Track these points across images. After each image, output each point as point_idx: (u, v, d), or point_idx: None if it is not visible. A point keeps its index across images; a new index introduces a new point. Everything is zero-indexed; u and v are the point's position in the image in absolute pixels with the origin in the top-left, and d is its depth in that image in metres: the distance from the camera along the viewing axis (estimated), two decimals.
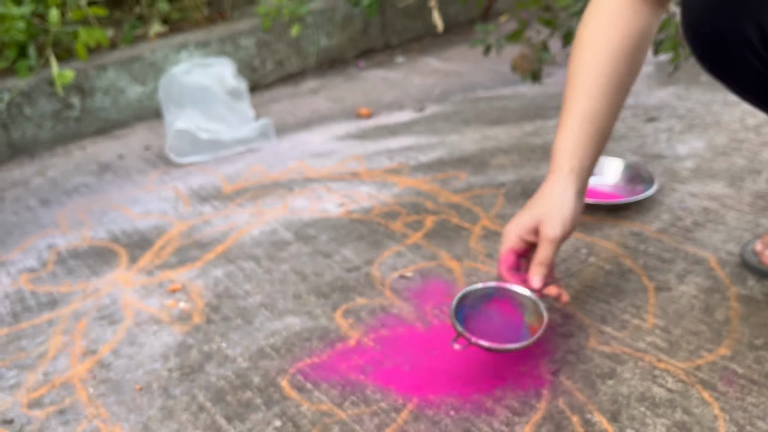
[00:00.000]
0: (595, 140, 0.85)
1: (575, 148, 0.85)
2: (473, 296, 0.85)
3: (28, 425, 0.83)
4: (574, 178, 0.84)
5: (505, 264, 0.84)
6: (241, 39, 1.97)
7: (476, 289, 0.85)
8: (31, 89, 1.67)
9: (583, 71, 0.85)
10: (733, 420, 0.72)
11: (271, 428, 0.78)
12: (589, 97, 0.84)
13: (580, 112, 0.84)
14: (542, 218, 0.82)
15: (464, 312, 0.82)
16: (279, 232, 1.21)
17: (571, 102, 0.86)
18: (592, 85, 0.84)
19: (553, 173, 0.85)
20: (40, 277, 1.15)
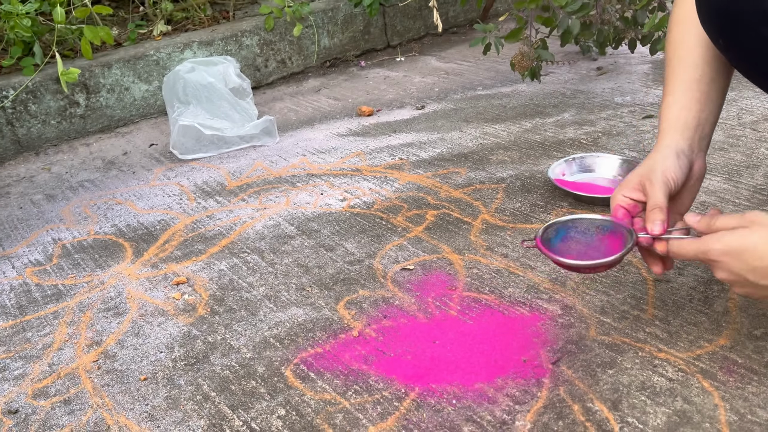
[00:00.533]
0: (702, 102, 0.83)
1: (680, 111, 0.84)
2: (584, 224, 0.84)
3: (33, 415, 0.84)
4: (677, 137, 0.83)
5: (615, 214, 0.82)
6: (244, 38, 1.99)
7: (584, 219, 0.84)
8: (36, 87, 1.68)
9: (685, 42, 0.85)
10: (733, 409, 0.73)
11: (275, 417, 0.79)
12: (693, 65, 0.84)
13: (685, 80, 0.84)
14: (643, 173, 0.81)
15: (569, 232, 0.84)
16: (282, 226, 1.22)
17: (673, 74, 0.86)
18: (695, 52, 0.84)
19: (659, 137, 0.84)
20: (46, 270, 1.16)
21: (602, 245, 0.81)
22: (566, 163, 1.29)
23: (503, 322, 0.91)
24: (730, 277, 0.70)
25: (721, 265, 0.70)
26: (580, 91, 1.74)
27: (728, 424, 0.71)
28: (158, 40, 1.95)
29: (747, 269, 0.68)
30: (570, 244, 0.83)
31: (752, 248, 0.68)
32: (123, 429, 0.80)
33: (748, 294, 0.71)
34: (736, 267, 0.69)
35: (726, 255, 0.69)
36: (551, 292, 0.96)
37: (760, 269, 0.67)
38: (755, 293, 0.70)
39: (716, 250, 0.70)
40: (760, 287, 0.69)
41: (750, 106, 1.50)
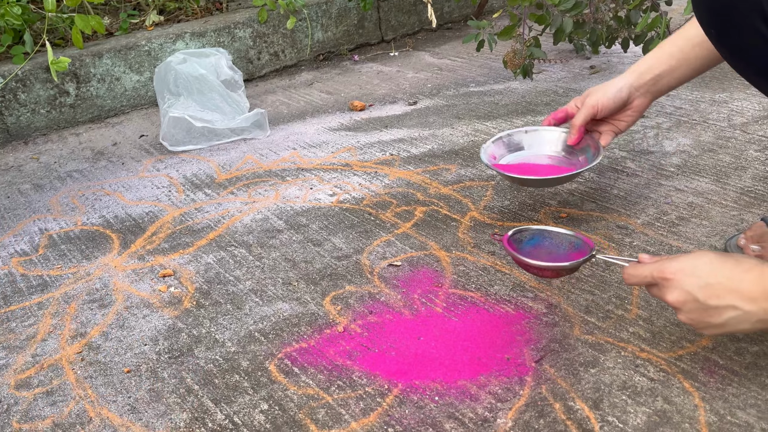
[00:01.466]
0: (675, 58, 0.96)
1: (651, 56, 1.00)
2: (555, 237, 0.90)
3: (15, 406, 0.84)
4: (634, 74, 1.01)
5: (552, 116, 1.10)
6: (237, 30, 1.98)
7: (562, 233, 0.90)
8: (26, 75, 1.67)
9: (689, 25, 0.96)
10: (713, 410, 0.74)
11: (257, 411, 0.79)
12: (688, 27, 0.95)
13: (673, 37, 0.98)
14: (591, 90, 1.05)
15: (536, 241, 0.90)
16: (271, 220, 1.22)
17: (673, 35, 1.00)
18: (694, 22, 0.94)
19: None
20: (32, 261, 1.16)
21: (564, 258, 0.87)
22: (494, 144, 1.15)
23: (488, 319, 0.92)
24: (680, 297, 0.70)
25: (674, 283, 0.71)
26: (572, 90, 1.75)
27: (708, 425, 0.72)
28: (150, 30, 1.94)
29: (699, 285, 0.69)
30: (536, 250, 0.88)
31: (706, 264, 0.70)
32: (105, 421, 0.80)
33: (692, 321, 0.71)
34: (688, 283, 0.70)
35: (680, 271, 0.71)
36: (537, 290, 0.96)
37: (712, 286, 0.69)
38: (700, 319, 0.71)
39: (671, 266, 0.72)
40: (707, 309, 0.69)
41: (740, 108, 1.51)
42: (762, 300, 0.67)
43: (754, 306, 0.67)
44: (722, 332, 0.71)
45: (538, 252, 0.88)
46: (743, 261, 0.70)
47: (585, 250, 0.86)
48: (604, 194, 1.20)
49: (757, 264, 0.69)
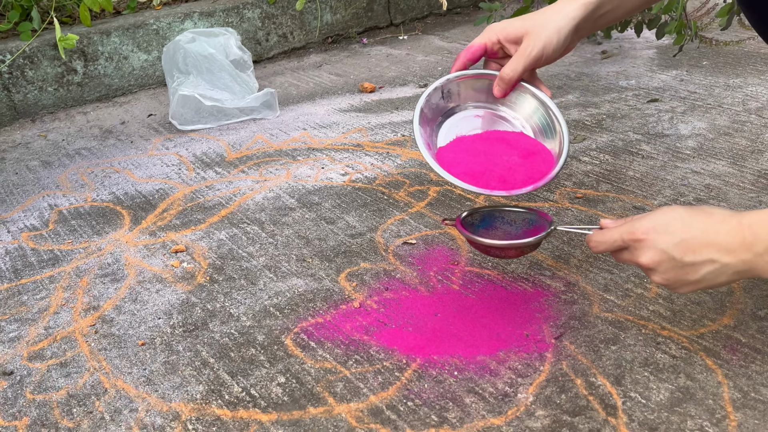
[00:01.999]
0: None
1: None
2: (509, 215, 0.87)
3: (28, 377, 0.83)
4: (576, 5, 0.80)
5: (467, 52, 0.83)
6: (246, 11, 1.96)
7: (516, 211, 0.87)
8: (33, 52, 1.65)
9: None
10: (737, 386, 0.73)
11: (275, 384, 0.79)
12: None
13: None
14: (529, 30, 0.79)
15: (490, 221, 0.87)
16: (283, 199, 1.21)
17: None
18: None
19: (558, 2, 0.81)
20: (42, 235, 1.15)
21: (522, 235, 0.84)
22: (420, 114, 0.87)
23: (505, 297, 0.91)
24: (654, 257, 0.67)
25: (647, 243, 0.68)
26: (584, 74, 1.73)
27: (731, 402, 0.71)
28: (158, 9, 1.92)
29: (673, 243, 0.66)
30: (491, 231, 0.86)
31: (678, 220, 0.67)
32: (120, 392, 0.79)
33: (668, 281, 0.69)
34: (662, 242, 0.67)
35: (652, 231, 0.67)
36: (554, 269, 0.95)
37: (687, 241, 0.66)
38: (676, 278, 0.68)
39: (642, 226, 0.68)
40: (683, 266, 0.66)
41: (755, 93, 1.49)
42: (740, 251, 0.64)
43: (732, 258, 0.64)
44: (696, 288, 0.69)
45: (494, 233, 0.85)
46: (715, 212, 0.67)
47: (543, 225, 0.83)
48: (619, 176, 1.19)
49: (730, 214, 0.66)
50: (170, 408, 0.76)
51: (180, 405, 0.77)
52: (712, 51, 1.79)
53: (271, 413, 0.74)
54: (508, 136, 0.88)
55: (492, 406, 0.73)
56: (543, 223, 0.84)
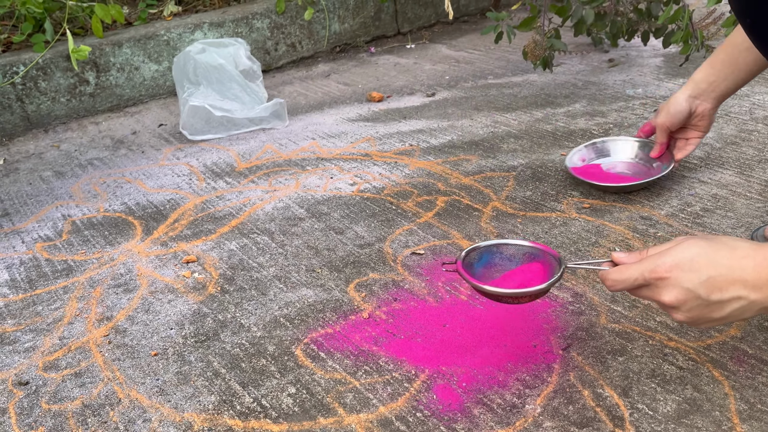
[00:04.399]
0: (727, 64, 1.03)
1: (704, 66, 1.08)
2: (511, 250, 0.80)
3: (43, 387, 0.85)
4: (690, 85, 1.09)
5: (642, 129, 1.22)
6: (255, 21, 1.98)
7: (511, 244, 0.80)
8: (46, 64, 1.68)
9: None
10: (743, 398, 0.74)
11: (285, 395, 0.80)
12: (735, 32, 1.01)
13: (724, 44, 1.03)
14: (659, 109, 1.16)
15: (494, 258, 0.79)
16: (292, 209, 1.22)
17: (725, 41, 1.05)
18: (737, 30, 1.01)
19: None
20: (56, 246, 1.17)
21: (527, 274, 0.78)
22: (586, 149, 1.26)
23: (513, 307, 0.91)
24: (679, 296, 0.64)
25: (671, 282, 0.64)
26: (591, 83, 1.74)
27: (738, 413, 0.72)
28: (169, 20, 1.94)
29: (699, 281, 0.63)
30: (493, 270, 0.79)
31: (702, 255, 0.64)
32: (134, 402, 0.80)
33: (692, 319, 0.66)
34: (687, 280, 0.64)
35: (676, 268, 0.64)
36: (562, 280, 0.96)
37: (714, 279, 0.63)
38: (700, 315, 0.65)
39: (665, 264, 0.65)
40: (709, 305, 0.64)
41: (762, 102, 1.50)
42: (766, 287, 0.62)
43: (760, 294, 0.62)
44: (719, 324, 0.66)
45: (496, 273, 0.79)
46: (738, 246, 0.64)
47: (547, 260, 0.77)
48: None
49: (754, 248, 0.64)
50: (183, 418, 0.77)
51: (193, 415, 0.78)
52: None
53: (282, 424, 0.75)
54: None
55: (500, 417, 0.74)
56: (547, 259, 0.78)
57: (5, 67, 1.63)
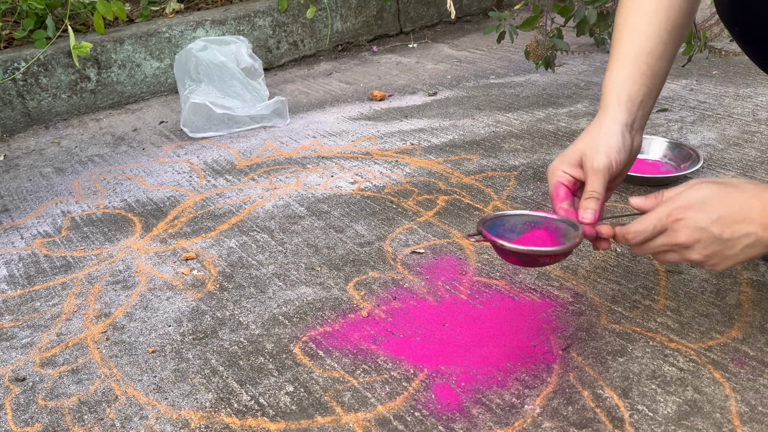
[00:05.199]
0: (648, 77, 0.79)
1: (624, 81, 0.79)
2: (515, 220, 0.78)
3: (40, 383, 0.84)
4: (623, 110, 0.78)
5: (557, 199, 0.77)
6: (257, 19, 1.97)
7: (519, 214, 0.78)
8: (47, 60, 1.67)
9: (639, 8, 0.80)
10: (744, 400, 0.73)
11: (283, 393, 0.79)
12: (645, 35, 0.79)
13: (633, 49, 0.80)
14: (585, 150, 0.76)
15: (499, 229, 0.77)
16: (292, 207, 1.22)
17: (622, 40, 0.81)
18: (647, 23, 0.79)
19: (600, 109, 0.80)
20: (55, 242, 1.16)
21: (543, 239, 0.76)
22: None
23: (513, 307, 0.91)
24: (694, 235, 0.67)
25: (686, 222, 0.67)
26: (593, 83, 1.73)
27: (739, 415, 0.71)
28: (171, 17, 1.94)
29: (712, 219, 0.67)
30: (510, 237, 0.77)
31: (714, 196, 0.68)
32: (131, 399, 0.80)
33: (706, 257, 0.68)
34: (701, 219, 0.67)
35: (690, 209, 0.67)
36: (562, 279, 0.96)
37: (726, 216, 0.66)
38: (714, 253, 0.68)
39: (679, 206, 0.68)
40: (722, 242, 0.67)
41: (765, 103, 1.49)
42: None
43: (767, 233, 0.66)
44: (732, 264, 0.69)
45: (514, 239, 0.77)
46: (746, 187, 0.68)
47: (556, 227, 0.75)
48: (627, 186, 1.19)
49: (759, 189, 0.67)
50: (180, 416, 0.77)
51: (189, 413, 0.77)
52: (721, 61, 1.78)
53: (280, 422, 0.75)
54: None
55: (499, 417, 0.73)
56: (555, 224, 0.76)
57: (6, 62, 1.63)
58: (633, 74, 0.79)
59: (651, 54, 0.79)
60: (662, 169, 1.22)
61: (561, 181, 0.77)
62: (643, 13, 0.80)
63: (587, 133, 0.78)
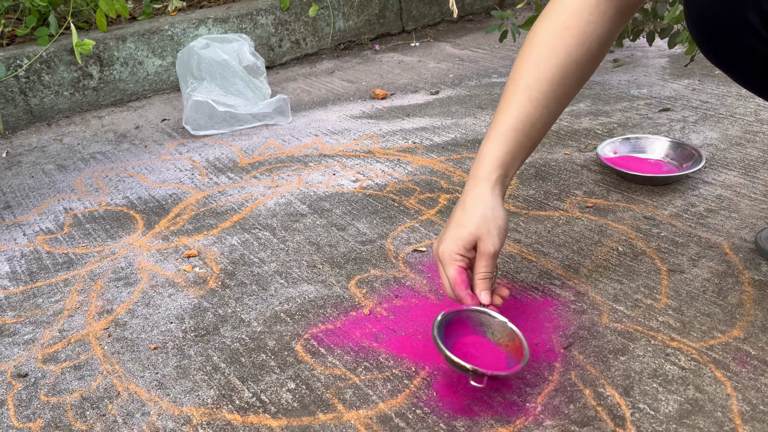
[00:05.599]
0: (526, 150, 0.82)
1: (505, 156, 0.80)
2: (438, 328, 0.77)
3: (42, 379, 0.85)
4: (501, 188, 0.81)
5: (463, 285, 0.79)
6: (259, 17, 1.98)
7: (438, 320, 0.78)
8: (50, 57, 1.67)
9: (528, 73, 0.81)
10: (746, 399, 0.73)
11: (285, 390, 0.79)
12: (532, 103, 0.80)
13: (517, 119, 0.80)
14: (480, 234, 0.78)
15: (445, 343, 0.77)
16: (294, 205, 1.22)
17: (508, 105, 0.82)
18: (535, 90, 0.80)
19: (480, 180, 0.81)
20: (57, 239, 1.16)
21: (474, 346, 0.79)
22: (620, 142, 1.30)
23: (515, 305, 0.91)
24: None
25: None
26: (595, 82, 1.73)
27: (740, 414, 0.71)
28: (173, 15, 1.94)
29: None
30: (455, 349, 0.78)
31: None
32: (133, 396, 0.80)
33: None
34: None
35: None
36: (564, 278, 0.96)
37: None
38: None
39: None
40: None
41: (767, 103, 1.49)
42: None
43: None
44: None
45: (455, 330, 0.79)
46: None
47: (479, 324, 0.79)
48: (629, 185, 1.19)
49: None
50: (182, 412, 0.77)
51: (191, 409, 0.77)
52: None
53: (281, 419, 0.75)
54: None
55: (500, 414, 0.73)
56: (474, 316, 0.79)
57: (9, 60, 1.63)
58: (514, 149, 0.80)
59: (534, 123, 0.81)
60: (664, 169, 1.22)
61: (462, 266, 0.79)
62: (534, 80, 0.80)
63: (475, 210, 0.79)
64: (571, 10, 0.80)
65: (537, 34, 0.82)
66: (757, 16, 0.69)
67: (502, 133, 0.81)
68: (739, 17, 0.70)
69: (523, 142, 0.81)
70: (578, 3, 0.80)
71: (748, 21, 0.70)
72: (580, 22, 0.79)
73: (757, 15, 0.69)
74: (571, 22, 0.80)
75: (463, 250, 0.79)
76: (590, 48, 0.80)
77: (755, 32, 0.70)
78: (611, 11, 0.79)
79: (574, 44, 0.80)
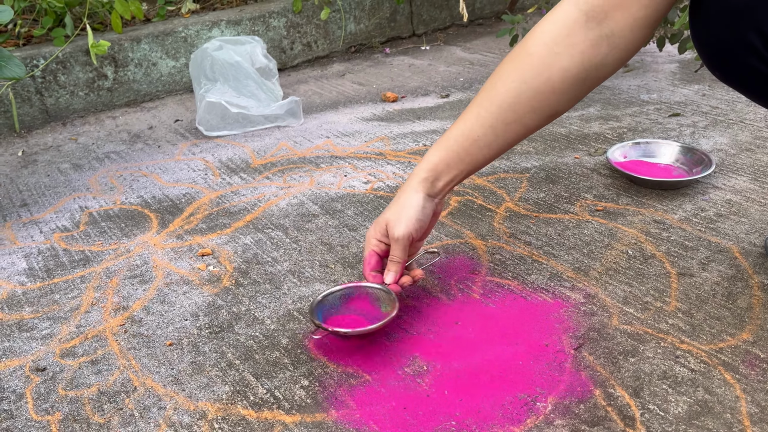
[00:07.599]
0: (464, 163, 0.85)
1: (438, 162, 0.86)
2: (333, 297, 0.90)
3: (60, 373, 0.86)
4: (426, 185, 0.86)
5: (368, 266, 0.89)
6: (271, 19, 1.99)
7: (335, 291, 0.90)
8: (66, 57, 1.70)
9: (485, 91, 0.83)
10: (755, 401, 0.74)
11: (298, 387, 0.81)
12: (478, 121, 0.83)
13: (461, 132, 0.84)
14: (389, 220, 0.87)
15: (324, 311, 0.89)
16: (306, 205, 1.23)
17: (461, 117, 0.85)
18: (484, 109, 0.82)
19: (411, 177, 0.88)
20: (73, 236, 1.18)
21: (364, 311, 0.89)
22: (630, 147, 1.30)
23: (525, 307, 0.92)
24: None
25: None
26: (605, 87, 1.74)
27: (749, 416, 0.72)
28: (187, 17, 1.96)
29: None
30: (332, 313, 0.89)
31: None
32: (149, 390, 0.82)
33: None
34: None
35: None
36: (574, 280, 0.97)
37: None
38: None
39: None
40: None
41: None
42: None
43: None
44: None
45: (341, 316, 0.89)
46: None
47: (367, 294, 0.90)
48: (639, 189, 1.20)
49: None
50: (197, 407, 0.79)
51: (206, 404, 0.79)
52: None
53: (295, 415, 0.76)
54: None
55: (511, 414, 0.74)
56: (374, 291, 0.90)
57: (26, 60, 1.65)
58: (451, 160, 0.85)
59: (483, 145, 0.83)
60: (674, 173, 1.23)
61: (375, 250, 0.89)
62: (501, 102, 0.81)
63: (394, 202, 0.89)
64: (541, 37, 0.79)
65: (510, 54, 0.82)
66: (759, 39, 0.70)
67: (442, 141, 0.86)
68: (741, 39, 0.72)
69: (461, 154, 0.85)
70: (550, 31, 0.78)
71: (750, 43, 0.71)
72: (543, 50, 0.78)
73: (759, 37, 0.70)
74: (534, 49, 0.79)
75: (379, 235, 0.89)
76: (550, 78, 0.78)
77: (757, 53, 0.71)
78: (584, 45, 0.76)
79: (531, 73, 0.79)
